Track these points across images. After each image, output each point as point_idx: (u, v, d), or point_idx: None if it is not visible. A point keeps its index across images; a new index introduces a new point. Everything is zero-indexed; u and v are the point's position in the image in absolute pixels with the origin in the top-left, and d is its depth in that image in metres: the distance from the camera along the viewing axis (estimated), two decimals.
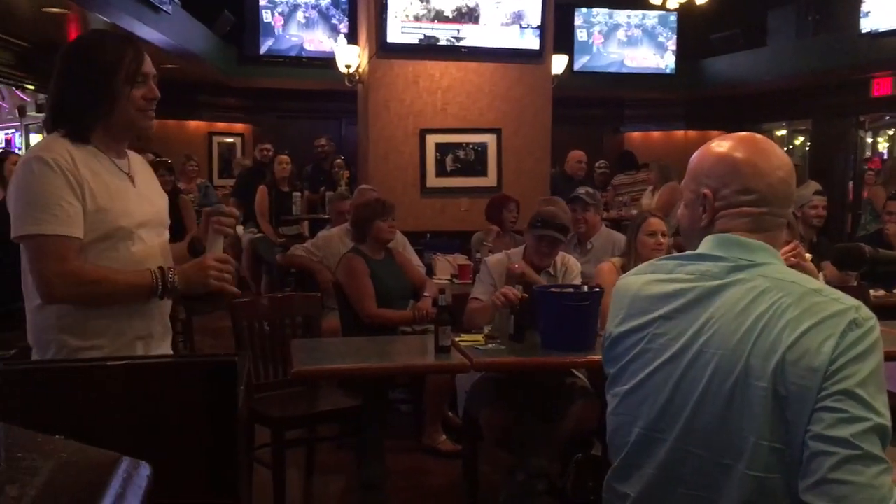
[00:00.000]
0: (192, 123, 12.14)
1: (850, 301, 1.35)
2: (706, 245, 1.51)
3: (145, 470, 0.91)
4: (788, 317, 1.34)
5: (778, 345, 1.32)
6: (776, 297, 1.37)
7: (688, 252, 1.56)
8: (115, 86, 1.99)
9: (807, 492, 1.27)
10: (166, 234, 2.21)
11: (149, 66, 2.06)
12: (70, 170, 1.93)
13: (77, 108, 2.00)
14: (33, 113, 10.33)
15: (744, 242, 1.47)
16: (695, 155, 1.58)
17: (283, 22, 10.94)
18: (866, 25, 9.04)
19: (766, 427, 1.31)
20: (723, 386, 1.37)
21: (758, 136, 1.58)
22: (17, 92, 10.05)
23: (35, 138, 10.66)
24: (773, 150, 1.53)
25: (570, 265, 3.85)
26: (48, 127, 2.04)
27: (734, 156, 1.50)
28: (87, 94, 2.00)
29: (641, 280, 1.57)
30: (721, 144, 1.54)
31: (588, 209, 4.88)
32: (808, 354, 1.29)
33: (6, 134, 10.90)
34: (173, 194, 6.35)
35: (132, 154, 2.18)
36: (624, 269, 3.84)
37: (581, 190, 5.09)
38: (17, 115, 10.65)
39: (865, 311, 1.35)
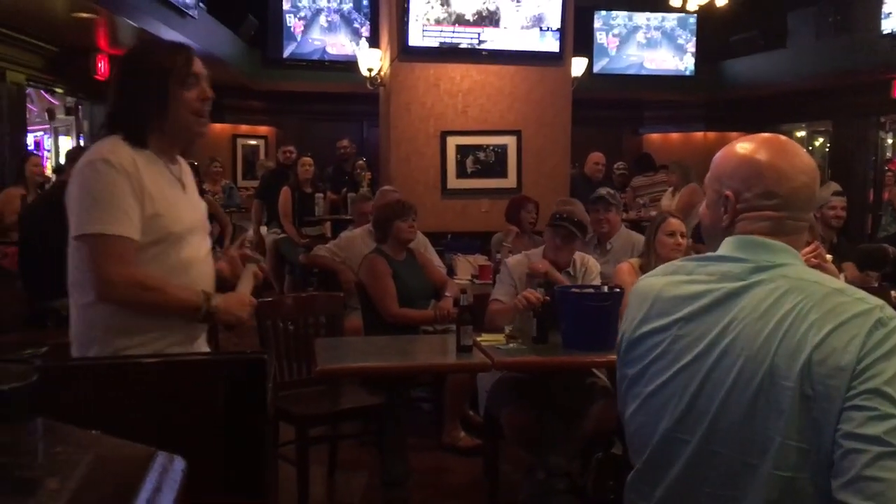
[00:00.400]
0: (217, 126, 12.27)
1: (874, 300, 1.35)
2: (727, 247, 1.51)
3: (180, 464, 0.94)
4: (813, 317, 1.33)
5: (804, 345, 1.32)
6: (799, 297, 1.37)
7: (709, 253, 1.55)
8: (167, 88, 2.04)
9: (840, 490, 1.26)
10: (209, 241, 2.27)
11: (199, 67, 2.11)
12: (133, 174, 1.98)
13: (134, 111, 2.05)
14: (62, 116, 10.45)
15: (765, 244, 1.47)
16: (718, 154, 1.57)
17: (302, 29, 11.01)
18: (887, 26, 8.98)
19: (793, 427, 1.31)
20: (748, 387, 1.37)
21: (782, 137, 1.56)
22: (45, 95, 10.19)
23: (64, 141, 10.80)
24: (798, 152, 1.52)
25: (589, 265, 3.88)
26: (106, 131, 2.08)
27: (757, 158, 1.50)
28: (143, 98, 2.05)
29: (662, 281, 1.56)
30: (745, 146, 1.53)
31: (610, 209, 4.91)
32: (835, 354, 1.29)
33: (35, 137, 11.05)
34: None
35: (181, 160, 2.23)
36: (643, 269, 3.87)
37: (602, 190, 5.12)
38: (47, 117, 10.79)
39: (890, 311, 1.34)
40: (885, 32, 8.99)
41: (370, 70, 7.41)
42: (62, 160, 9.41)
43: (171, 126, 2.08)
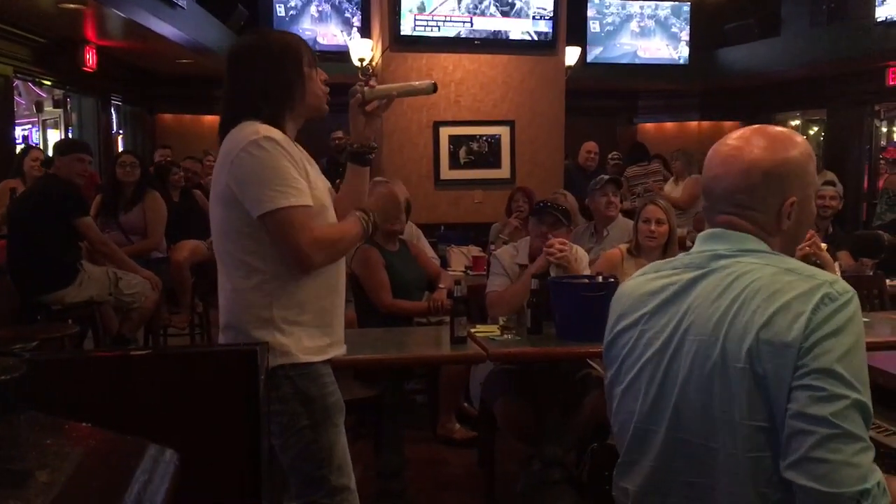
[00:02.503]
0: (208, 118, 12.17)
1: (825, 276, 1.36)
2: (696, 243, 1.55)
3: (171, 456, 0.93)
4: (761, 297, 1.35)
5: (752, 325, 1.33)
6: (749, 280, 1.39)
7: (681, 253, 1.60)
8: (303, 69, 2.14)
9: (788, 469, 1.29)
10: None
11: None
12: (290, 149, 2.05)
13: (279, 96, 2.12)
14: (50, 108, 10.38)
15: (726, 234, 1.49)
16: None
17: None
18: (881, 14, 8.98)
19: (749, 407, 1.33)
20: (703, 371, 1.39)
21: (725, 138, 1.54)
22: (33, 88, 10.11)
23: (52, 134, 10.73)
24: (725, 141, 1.52)
25: (578, 255, 3.84)
26: (238, 119, 2.10)
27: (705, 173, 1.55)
28: (287, 82, 2.12)
29: (636, 281, 1.60)
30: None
31: (617, 193, 4.99)
32: (781, 332, 1.30)
33: (23, 130, 10.97)
34: (186, 194, 6.41)
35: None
36: (630, 251, 3.89)
37: (608, 175, 5.22)
38: (35, 110, 10.71)
39: (841, 285, 1.34)
40: (879, 20, 8.99)
41: (361, 60, 7.38)
42: (51, 153, 9.35)
43: (307, 105, 2.17)
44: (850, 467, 1.24)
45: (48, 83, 9.24)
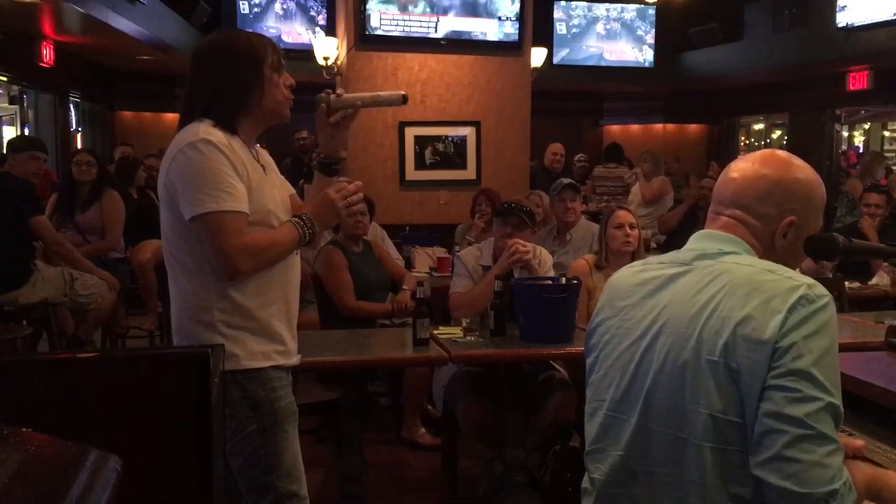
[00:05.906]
0: (169, 116, 12.01)
1: (803, 279, 1.38)
2: (689, 241, 1.58)
3: (114, 462, 0.91)
4: (740, 294, 1.38)
5: (729, 320, 1.36)
6: (729, 278, 1.42)
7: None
8: (264, 74, 2.10)
9: (759, 467, 1.31)
10: None
11: (281, 54, 2.20)
12: (230, 153, 2.01)
13: (230, 98, 2.08)
14: (6, 105, 10.15)
15: (714, 234, 1.55)
16: None
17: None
18: (842, 20, 9.12)
19: (720, 401, 1.35)
20: (676, 362, 1.42)
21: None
22: None
23: (8, 131, 10.49)
24: (744, 157, 1.62)
25: (543, 257, 3.84)
26: (192, 118, 2.07)
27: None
28: (243, 84, 2.09)
29: (624, 273, 1.65)
30: None
31: (576, 198, 4.97)
32: (758, 328, 1.33)
33: None
34: (144, 192, 6.32)
35: (257, 147, 2.25)
36: (597, 265, 3.85)
37: (567, 179, 5.18)
38: None
39: (819, 289, 1.37)
40: (839, 26, 9.13)
41: (326, 59, 7.31)
42: (5, 151, 9.14)
43: (265, 110, 2.13)
44: (820, 468, 1.27)
45: (4, 79, 9.03)
